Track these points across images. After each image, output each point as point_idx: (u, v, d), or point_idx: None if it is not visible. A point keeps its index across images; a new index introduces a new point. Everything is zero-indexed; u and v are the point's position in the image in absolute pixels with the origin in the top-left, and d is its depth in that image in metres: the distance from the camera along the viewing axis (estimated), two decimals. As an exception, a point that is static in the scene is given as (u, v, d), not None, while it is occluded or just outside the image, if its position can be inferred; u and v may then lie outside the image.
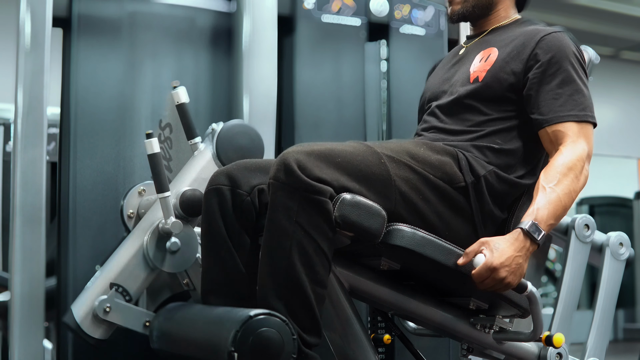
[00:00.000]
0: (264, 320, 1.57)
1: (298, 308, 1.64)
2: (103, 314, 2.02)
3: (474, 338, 1.94)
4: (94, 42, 2.40)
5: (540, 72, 1.91)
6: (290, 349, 1.58)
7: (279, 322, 1.58)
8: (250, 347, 1.55)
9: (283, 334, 1.58)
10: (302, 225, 1.63)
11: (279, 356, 1.57)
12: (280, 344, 1.57)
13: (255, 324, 1.56)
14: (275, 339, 1.57)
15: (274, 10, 2.51)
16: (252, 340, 1.55)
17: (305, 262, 1.63)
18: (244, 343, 1.55)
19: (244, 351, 1.55)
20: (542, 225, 1.75)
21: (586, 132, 1.88)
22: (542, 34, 1.94)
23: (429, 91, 2.14)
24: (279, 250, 1.64)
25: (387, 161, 1.75)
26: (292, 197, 1.64)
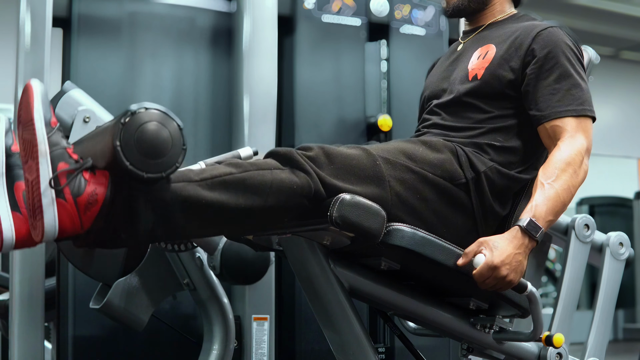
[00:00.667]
0: (152, 113, 1.49)
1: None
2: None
3: (474, 338, 1.94)
4: (94, 42, 2.40)
5: (537, 68, 1.91)
6: (177, 151, 1.51)
7: (171, 122, 1.51)
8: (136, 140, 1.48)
9: (173, 135, 1.50)
10: (278, 180, 1.61)
11: (165, 153, 1.49)
12: (168, 141, 1.50)
13: (144, 115, 1.48)
14: (163, 134, 1.49)
15: (274, 10, 2.51)
16: (140, 128, 1.48)
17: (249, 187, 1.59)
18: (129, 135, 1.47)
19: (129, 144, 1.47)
20: (541, 222, 1.75)
21: (585, 127, 1.88)
22: (538, 29, 1.94)
23: (428, 89, 2.14)
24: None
25: (382, 163, 1.75)
26: (284, 164, 1.64)
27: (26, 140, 1.51)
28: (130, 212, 1.50)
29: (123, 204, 1.50)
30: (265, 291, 2.41)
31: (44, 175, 1.45)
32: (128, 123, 1.47)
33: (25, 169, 1.51)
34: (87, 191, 1.47)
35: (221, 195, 1.57)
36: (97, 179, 1.49)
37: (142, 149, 1.47)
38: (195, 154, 2.34)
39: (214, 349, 2.19)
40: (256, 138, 2.42)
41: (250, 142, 2.39)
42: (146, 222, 1.52)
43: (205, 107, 2.53)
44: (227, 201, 1.57)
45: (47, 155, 1.46)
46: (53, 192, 1.45)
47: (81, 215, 1.47)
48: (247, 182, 1.60)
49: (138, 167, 1.47)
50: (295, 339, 2.57)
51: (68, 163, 1.48)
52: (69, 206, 1.46)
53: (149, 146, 1.48)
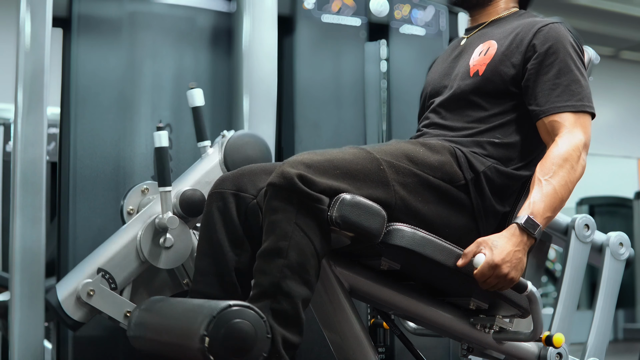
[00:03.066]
0: (241, 311, 1.56)
1: (284, 306, 1.63)
2: (86, 297, 2.01)
3: (474, 338, 1.94)
4: (93, 42, 2.40)
5: (537, 63, 1.91)
6: (262, 346, 1.58)
7: (255, 316, 1.57)
8: (223, 335, 1.54)
9: (257, 329, 1.57)
10: (301, 227, 1.63)
11: (250, 349, 1.56)
12: (253, 337, 1.56)
13: (232, 313, 1.56)
14: (248, 331, 1.56)
15: (274, 10, 2.51)
16: (226, 328, 1.55)
17: (301, 263, 1.63)
18: (217, 330, 1.54)
19: (216, 338, 1.54)
20: (539, 219, 1.75)
21: (583, 122, 1.88)
22: (539, 25, 1.94)
23: (429, 86, 2.14)
24: (276, 250, 1.64)
25: (386, 167, 1.75)
26: (291, 201, 1.64)
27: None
28: None
29: None
30: (265, 291, 2.41)
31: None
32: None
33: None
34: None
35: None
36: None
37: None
38: (195, 154, 2.34)
39: (214, 349, 2.19)
40: (256, 138, 2.42)
41: (250, 142, 2.39)
42: None
43: (205, 107, 2.53)
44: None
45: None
46: None
47: None
48: (303, 275, 1.65)
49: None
50: (295, 339, 2.56)
51: None
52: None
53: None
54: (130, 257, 2.07)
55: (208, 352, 1.54)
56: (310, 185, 1.64)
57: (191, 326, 1.60)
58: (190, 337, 1.59)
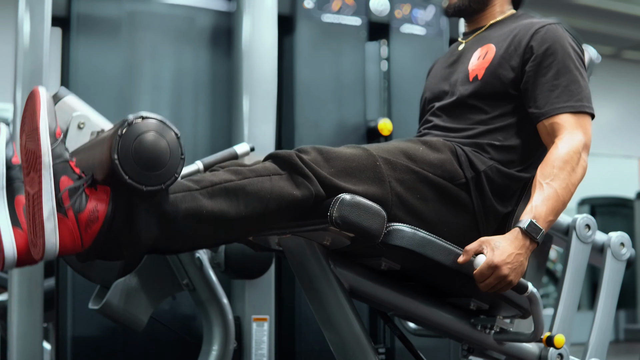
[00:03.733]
0: (143, 123, 1.47)
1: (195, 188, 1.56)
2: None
3: (475, 338, 1.94)
4: (93, 42, 2.40)
5: (535, 65, 1.90)
6: (176, 163, 1.49)
7: (172, 135, 1.49)
8: (136, 145, 1.46)
9: (172, 146, 1.49)
10: (273, 183, 1.61)
11: (163, 165, 1.48)
12: (166, 153, 1.48)
13: (143, 125, 1.47)
14: (163, 147, 1.48)
15: (274, 10, 2.50)
16: (138, 139, 1.46)
17: (246, 191, 1.58)
18: (130, 137, 1.45)
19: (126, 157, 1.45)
20: (541, 223, 1.74)
21: (583, 123, 1.87)
22: (537, 26, 1.93)
23: (428, 91, 2.13)
24: (241, 172, 1.61)
25: (383, 163, 1.75)
26: (283, 167, 1.63)
27: (29, 150, 1.47)
28: (131, 227, 1.48)
29: (124, 220, 1.48)
30: (265, 291, 2.41)
31: (47, 189, 1.42)
32: (125, 134, 1.45)
33: (27, 181, 1.48)
34: (89, 208, 1.45)
35: (222, 203, 1.56)
36: (98, 195, 1.46)
37: (141, 162, 1.45)
38: (194, 154, 2.34)
39: (214, 349, 2.18)
40: (256, 138, 2.42)
41: (250, 141, 2.39)
42: (147, 236, 1.50)
43: (205, 106, 2.53)
44: (228, 209, 1.56)
45: (50, 168, 1.43)
46: (54, 207, 1.42)
47: (82, 233, 1.45)
48: (247, 189, 1.59)
49: (137, 181, 1.45)
50: (295, 339, 2.56)
51: (71, 178, 1.45)
52: (70, 223, 1.43)
53: (147, 158, 1.45)
54: None
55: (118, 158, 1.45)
56: (306, 165, 1.64)
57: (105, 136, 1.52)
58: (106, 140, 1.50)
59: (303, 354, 2.56)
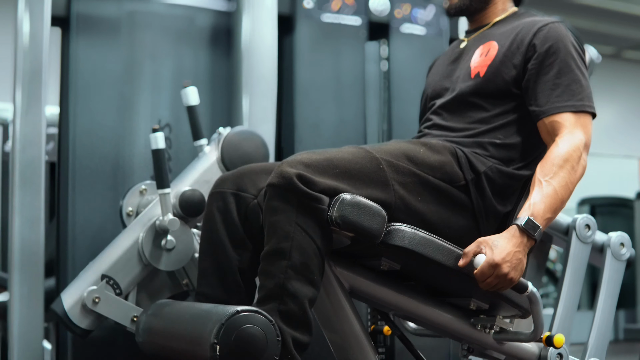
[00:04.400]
0: (250, 317, 1.57)
1: (291, 307, 1.63)
2: (92, 305, 2.01)
3: (474, 338, 1.94)
4: (92, 42, 2.40)
5: (537, 63, 1.90)
6: (273, 349, 1.58)
7: (264, 321, 1.58)
8: (233, 342, 1.54)
9: (267, 333, 1.57)
10: (302, 227, 1.63)
11: (261, 355, 1.56)
12: (263, 342, 1.56)
13: (241, 319, 1.56)
14: (258, 336, 1.56)
15: (274, 10, 2.50)
16: (236, 335, 1.55)
17: (304, 263, 1.63)
18: (228, 337, 1.54)
19: (226, 345, 1.54)
20: (539, 220, 1.74)
21: (583, 122, 1.87)
22: (539, 24, 1.94)
23: (429, 88, 2.13)
24: (279, 251, 1.64)
25: (386, 166, 1.75)
26: (290, 202, 1.64)
27: None
28: None
29: None
30: (265, 291, 2.40)
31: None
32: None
33: None
34: None
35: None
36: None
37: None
38: (194, 154, 2.33)
39: (214, 349, 2.18)
40: (256, 138, 2.41)
41: (250, 141, 2.38)
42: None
43: (205, 106, 2.52)
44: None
45: None
46: None
47: None
48: (303, 271, 1.65)
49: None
50: (295, 339, 2.56)
51: None
52: None
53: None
54: (133, 261, 2.07)
55: (219, 359, 1.53)
56: (309, 184, 1.63)
57: (201, 333, 1.60)
58: (200, 344, 1.59)
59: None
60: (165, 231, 2.05)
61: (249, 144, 2.19)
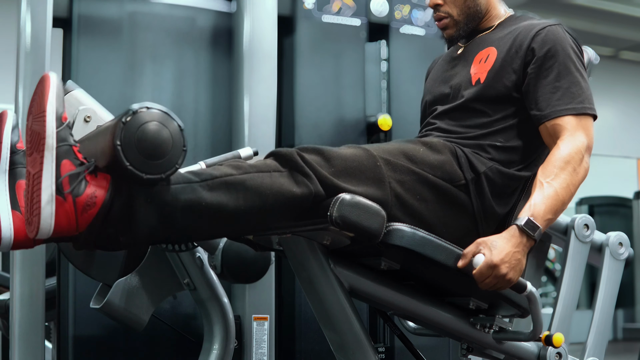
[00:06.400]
0: (159, 114, 1.51)
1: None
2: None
3: (474, 338, 1.94)
4: (94, 43, 2.41)
5: (537, 67, 1.90)
6: (177, 153, 1.51)
7: (175, 126, 1.51)
8: (138, 135, 1.48)
9: (175, 136, 1.51)
10: (274, 180, 1.62)
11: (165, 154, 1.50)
12: (169, 143, 1.50)
13: (147, 115, 1.49)
14: (165, 137, 1.50)
15: (274, 10, 2.51)
16: (142, 127, 1.48)
17: (253, 192, 1.59)
18: (132, 128, 1.47)
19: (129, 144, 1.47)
20: (539, 221, 1.75)
21: (585, 125, 1.88)
22: (537, 28, 1.94)
23: (429, 94, 2.13)
24: (242, 167, 1.62)
25: (383, 164, 1.75)
26: (284, 165, 1.64)
27: (34, 132, 1.50)
28: (130, 215, 1.50)
29: (122, 207, 1.49)
30: (265, 291, 2.41)
31: (47, 170, 1.45)
32: (129, 122, 1.47)
33: (29, 161, 1.50)
34: (87, 192, 1.47)
35: (221, 196, 1.57)
36: (98, 181, 1.48)
37: (143, 149, 1.47)
38: (195, 154, 2.34)
39: (214, 348, 2.19)
40: (256, 138, 2.42)
41: (250, 142, 2.39)
42: (145, 225, 1.51)
43: (206, 107, 2.53)
44: (227, 202, 1.57)
45: (54, 150, 1.46)
46: (54, 188, 1.44)
47: (78, 216, 1.47)
48: (247, 183, 1.60)
49: (138, 168, 1.47)
50: (295, 339, 2.57)
51: (73, 163, 1.47)
52: (67, 205, 1.45)
53: (149, 146, 1.48)
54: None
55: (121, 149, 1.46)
56: (307, 163, 1.65)
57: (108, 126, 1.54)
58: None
59: (303, 354, 2.57)
60: None
61: None
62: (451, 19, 2.05)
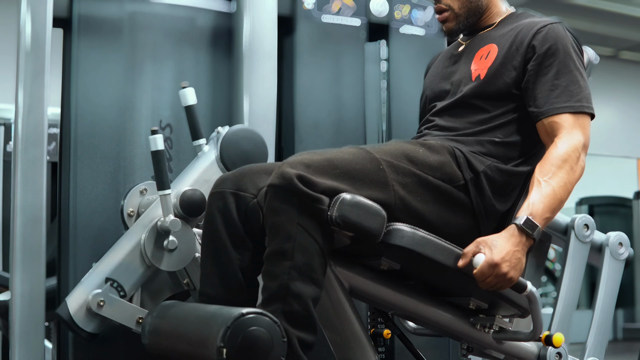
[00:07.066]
0: (255, 319, 1.58)
1: (295, 307, 1.64)
2: (96, 308, 2.02)
3: (474, 338, 1.95)
4: (94, 43, 2.40)
5: (536, 64, 1.91)
6: (279, 350, 1.59)
7: (269, 322, 1.59)
8: (240, 345, 1.55)
9: (273, 334, 1.58)
10: (303, 227, 1.64)
11: (267, 356, 1.57)
12: (269, 343, 1.57)
13: (246, 321, 1.57)
14: (264, 338, 1.57)
15: (274, 11, 2.51)
16: (242, 337, 1.56)
17: (307, 263, 1.64)
18: (234, 340, 1.55)
19: (233, 348, 1.55)
20: (537, 220, 1.76)
21: (582, 123, 1.88)
22: (538, 25, 1.94)
23: (428, 89, 2.14)
24: (282, 252, 1.65)
25: (386, 166, 1.76)
26: (291, 202, 1.65)
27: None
28: None
29: None
30: (266, 291, 2.41)
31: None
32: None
33: None
34: None
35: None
36: None
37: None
38: (194, 154, 2.34)
39: (214, 348, 2.19)
40: (256, 138, 2.42)
41: (250, 142, 2.39)
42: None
43: (206, 107, 2.53)
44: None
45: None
46: None
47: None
48: (307, 274, 1.66)
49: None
50: (295, 338, 2.56)
51: None
52: None
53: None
54: (136, 263, 2.08)
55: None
56: (309, 185, 1.64)
57: (207, 336, 1.61)
58: (206, 346, 1.60)
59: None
60: (167, 232, 2.06)
61: (247, 143, 2.20)
62: (452, 12, 2.05)
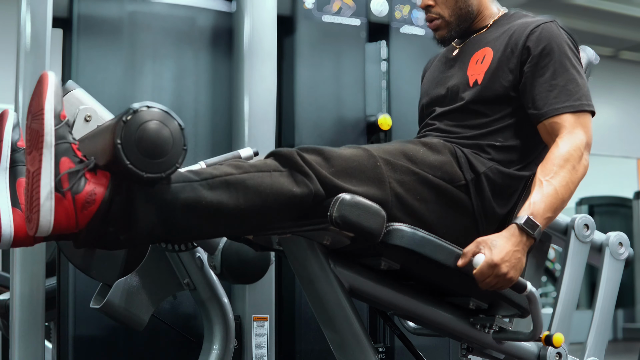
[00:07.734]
0: (159, 113, 1.51)
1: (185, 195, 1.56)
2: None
3: (474, 338, 1.94)
4: (94, 43, 2.41)
5: (532, 65, 1.90)
6: (178, 153, 1.52)
7: (175, 125, 1.52)
8: (138, 134, 1.49)
9: (175, 135, 1.51)
10: (274, 179, 1.62)
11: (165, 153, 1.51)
12: (169, 142, 1.51)
13: (148, 114, 1.50)
14: (166, 136, 1.51)
15: (274, 10, 2.51)
16: (142, 127, 1.49)
17: (247, 186, 1.60)
18: (133, 127, 1.48)
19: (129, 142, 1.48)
20: (538, 219, 1.75)
21: (583, 122, 1.87)
22: (532, 26, 1.93)
23: (426, 95, 2.12)
24: (241, 167, 1.63)
25: (383, 164, 1.75)
26: (284, 164, 1.64)
27: (33, 130, 1.50)
28: (129, 213, 1.50)
29: (122, 205, 1.50)
30: (265, 291, 2.41)
31: (46, 167, 1.45)
32: (129, 121, 1.48)
33: (28, 159, 1.51)
34: (86, 190, 1.47)
35: (221, 195, 1.58)
36: (97, 179, 1.49)
37: (143, 148, 1.48)
38: (195, 154, 2.34)
39: (214, 348, 2.19)
40: (256, 138, 2.43)
41: (250, 142, 2.40)
42: (145, 223, 1.52)
43: (206, 107, 2.53)
44: (227, 201, 1.58)
45: (52, 147, 1.47)
46: (52, 185, 1.45)
47: (77, 213, 1.47)
48: (247, 182, 1.60)
49: (138, 167, 1.48)
50: (295, 339, 2.57)
51: (72, 160, 1.48)
52: (66, 202, 1.46)
53: (149, 145, 1.49)
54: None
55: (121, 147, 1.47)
56: (307, 163, 1.65)
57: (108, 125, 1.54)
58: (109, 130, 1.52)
59: (303, 354, 2.57)
60: None
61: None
62: (443, 20, 2.04)
